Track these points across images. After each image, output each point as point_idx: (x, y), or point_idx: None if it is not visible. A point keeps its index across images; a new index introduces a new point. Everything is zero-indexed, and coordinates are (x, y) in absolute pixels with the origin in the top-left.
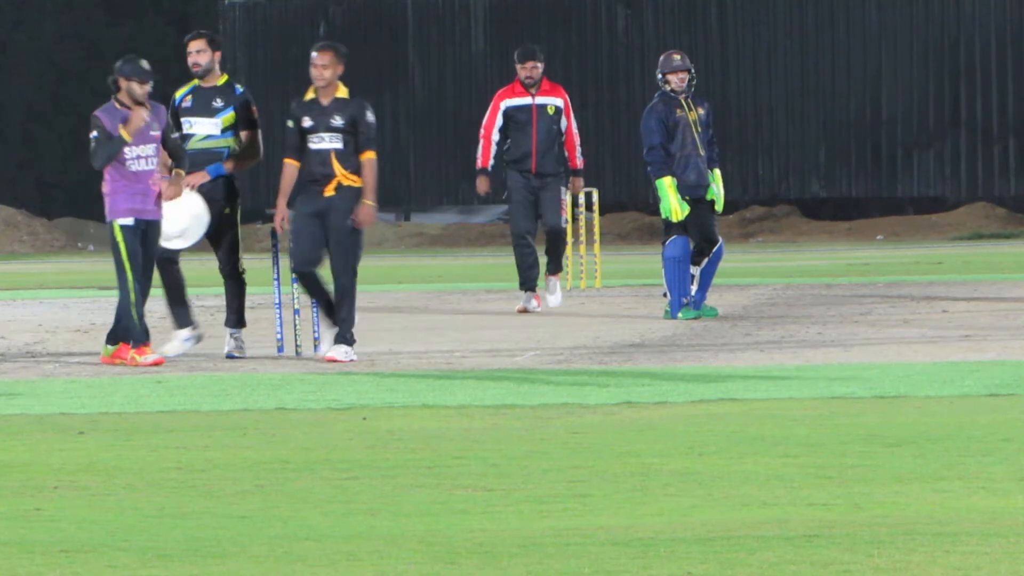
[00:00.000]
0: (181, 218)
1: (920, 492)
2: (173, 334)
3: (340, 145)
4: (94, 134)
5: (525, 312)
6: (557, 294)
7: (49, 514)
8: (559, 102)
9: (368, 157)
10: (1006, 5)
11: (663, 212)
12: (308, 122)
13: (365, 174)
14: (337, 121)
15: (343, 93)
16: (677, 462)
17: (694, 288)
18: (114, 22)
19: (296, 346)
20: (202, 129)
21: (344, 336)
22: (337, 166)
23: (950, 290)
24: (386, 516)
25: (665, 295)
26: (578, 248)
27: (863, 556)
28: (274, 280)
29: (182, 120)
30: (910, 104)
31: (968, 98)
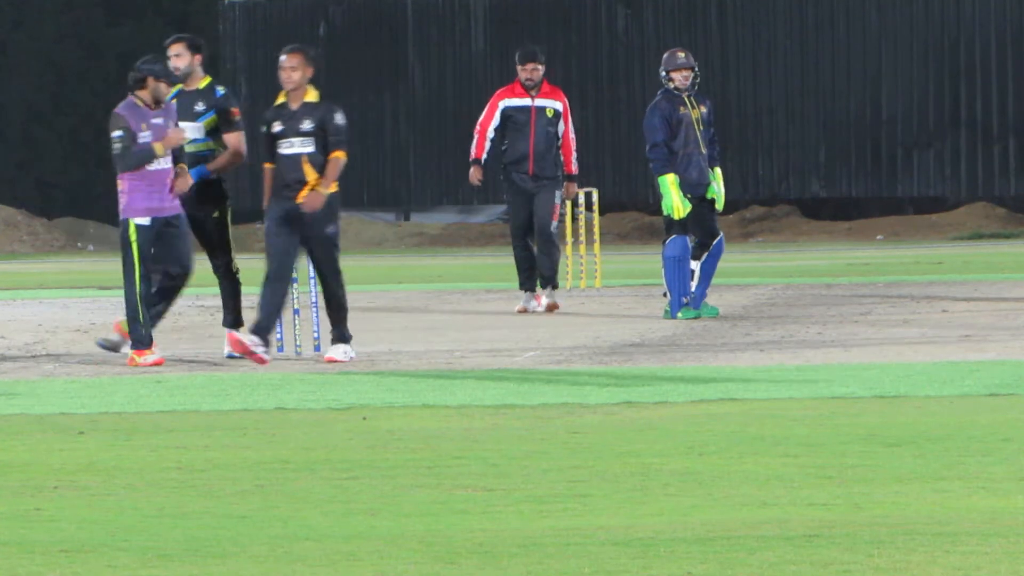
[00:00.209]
0: None
1: (920, 492)
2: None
3: (311, 149)
4: (118, 133)
5: (525, 312)
6: (544, 301)
7: (49, 514)
8: (558, 106)
9: (336, 156)
10: (1006, 5)
11: (665, 209)
12: (278, 127)
13: (328, 167)
14: (306, 125)
15: (313, 97)
16: (677, 462)
17: (694, 284)
18: (114, 22)
19: (296, 346)
20: (187, 134)
21: (342, 335)
22: (309, 171)
23: (950, 290)
24: (386, 516)
25: (665, 295)
26: (578, 248)
27: (863, 556)
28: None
29: None
30: (910, 104)
31: (968, 98)
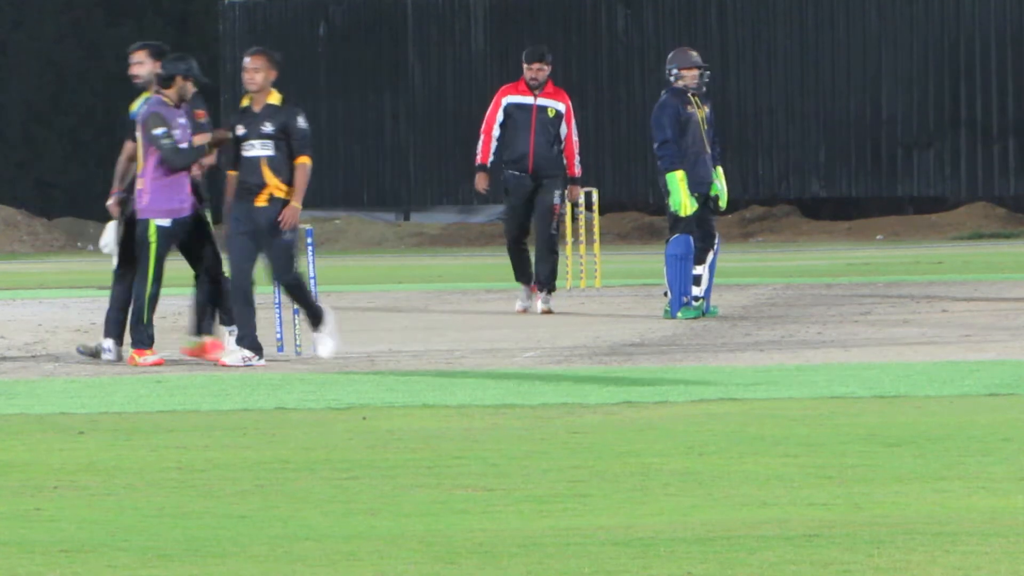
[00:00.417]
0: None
1: (920, 492)
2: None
3: (271, 152)
4: (163, 130)
5: (525, 312)
6: (539, 303)
7: (49, 514)
8: (561, 107)
9: (302, 162)
10: (1006, 5)
11: (672, 205)
12: (241, 130)
13: (296, 177)
14: (267, 128)
15: (275, 99)
16: (677, 462)
17: (699, 289)
18: (114, 22)
19: (296, 346)
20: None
21: (318, 326)
22: (268, 174)
23: (950, 290)
24: (386, 516)
25: (666, 294)
26: (578, 248)
27: (863, 556)
28: (274, 280)
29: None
30: (910, 104)
31: (968, 98)
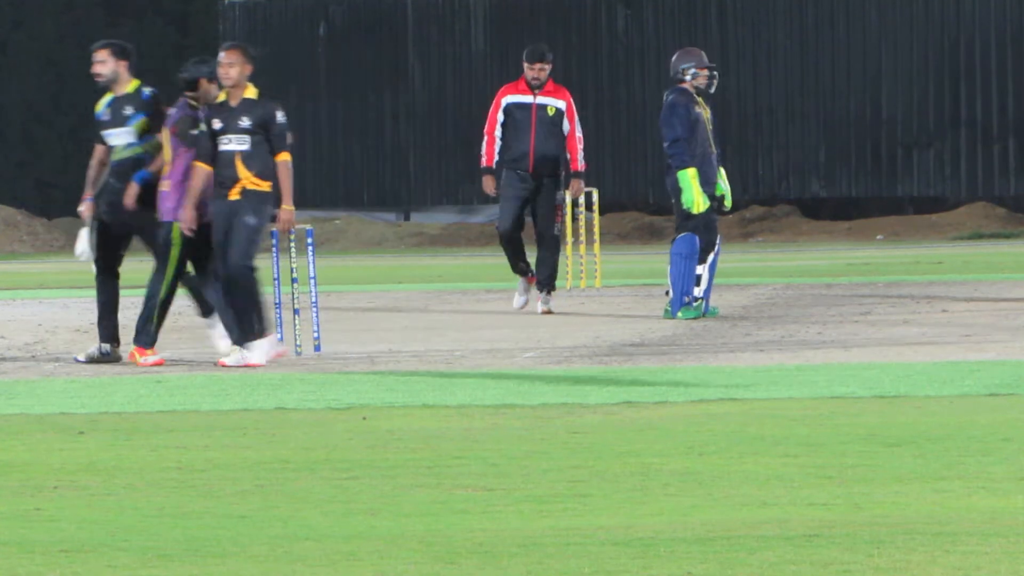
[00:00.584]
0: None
1: (920, 492)
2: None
3: (246, 147)
4: (204, 129)
5: (525, 307)
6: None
7: (49, 514)
8: (561, 104)
9: (282, 159)
10: (1006, 5)
11: (685, 203)
12: (218, 124)
13: (280, 177)
14: (244, 122)
15: (252, 94)
16: (677, 462)
17: (698, 290)
18: (114, 22)
19: (296, 346)
20: (120, 140)
21: (243, 334)
22: (242, 168)
23: (950, 290)
24: (386, 516)
25: (667, 293)
26: (578, 248)
27: (863, 556)
28: (274, 280)
29: (103, 133)
30: (910, 104)
31: (968, 98)
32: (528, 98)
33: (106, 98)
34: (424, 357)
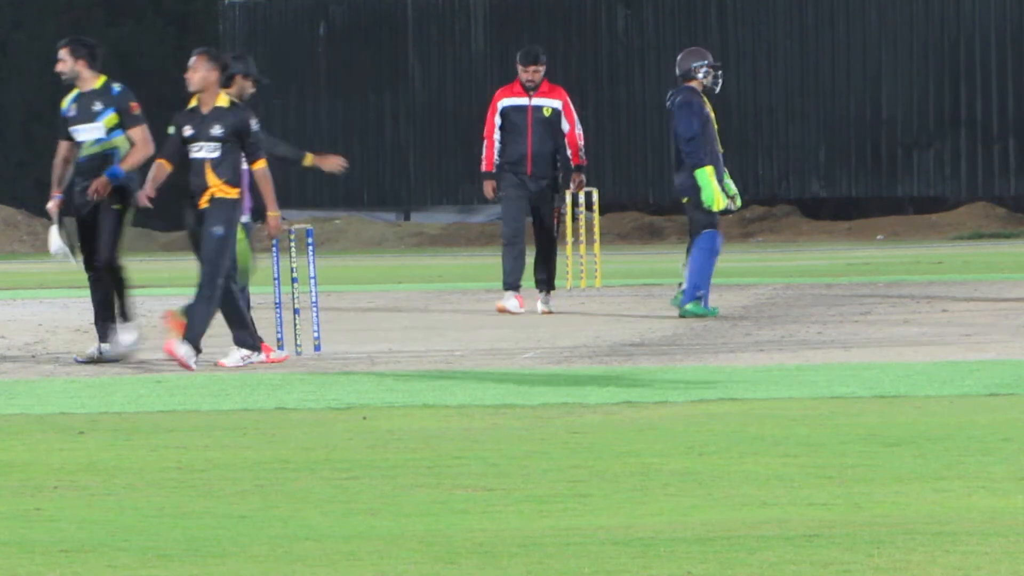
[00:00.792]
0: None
1: (920, 492)
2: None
3: (216, 155)
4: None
5: (504, 311)
6: (539, 304)
7: (49, 514)
8: (557, 104)
9: (259, 167)
10: (1006, 5)
11: (706, 201)
12: (189, 131)
13: (261, 185)
14: (216, 130)
15: (224, 102)
16: (677, 462)
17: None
18: (114, 22)
19: (296, 346)
20: (89, 135)
21: (190, 338)
22: (211, 176)
23: (950, 290)
24: (386, 516)
25: (680, 285)
26: (578, 248)
27: (863, 556)
28: (274, 280)
29: (70, 130)
30: (910, 104)
31: (968, 98)
32: (524, 100)
33: (72, 94)
34: (424, 357)
